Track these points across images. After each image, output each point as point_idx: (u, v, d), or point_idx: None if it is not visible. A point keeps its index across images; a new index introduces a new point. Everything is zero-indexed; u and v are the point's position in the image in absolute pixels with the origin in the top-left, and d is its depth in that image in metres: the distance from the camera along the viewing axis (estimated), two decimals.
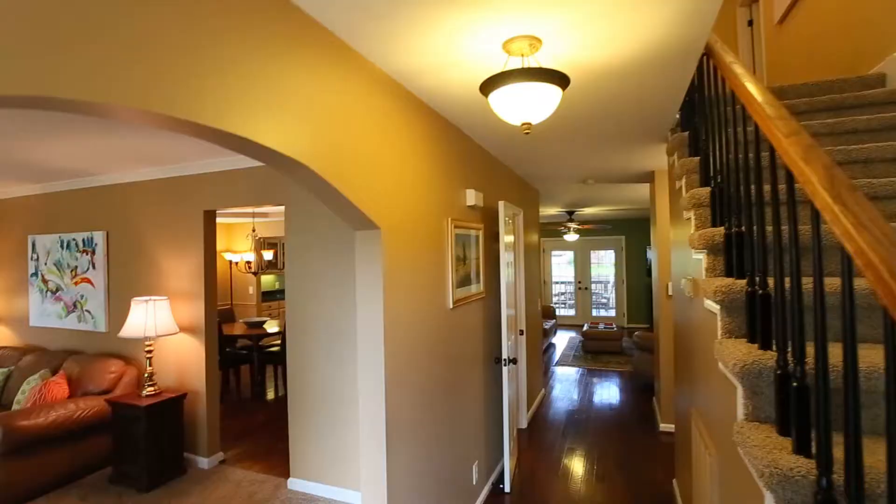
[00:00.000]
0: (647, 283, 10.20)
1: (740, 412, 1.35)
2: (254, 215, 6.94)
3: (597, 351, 7.91)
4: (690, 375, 2.41)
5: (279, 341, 5.64)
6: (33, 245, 4.63)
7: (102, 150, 3.28)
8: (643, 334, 5.87)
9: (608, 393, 5.70)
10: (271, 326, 5.84)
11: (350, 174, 1.70)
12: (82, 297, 4.29)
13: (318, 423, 3.27)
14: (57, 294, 4.46)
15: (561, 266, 11.86)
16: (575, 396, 5.58)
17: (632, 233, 10.79)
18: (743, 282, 1.51)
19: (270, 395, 5.59)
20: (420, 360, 2.26)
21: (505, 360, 3.28)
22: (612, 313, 11.17)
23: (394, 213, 2.01)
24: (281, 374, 5.94)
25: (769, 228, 1.32)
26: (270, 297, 8.47)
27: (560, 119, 2.74)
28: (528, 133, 1.80)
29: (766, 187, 1.49)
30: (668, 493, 3.25)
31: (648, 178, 4.82)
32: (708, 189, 1.98)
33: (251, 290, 7.92)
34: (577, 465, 3.72)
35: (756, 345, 1.39)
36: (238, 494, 3.23)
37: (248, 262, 6.34)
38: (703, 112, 2.17)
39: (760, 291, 1.35)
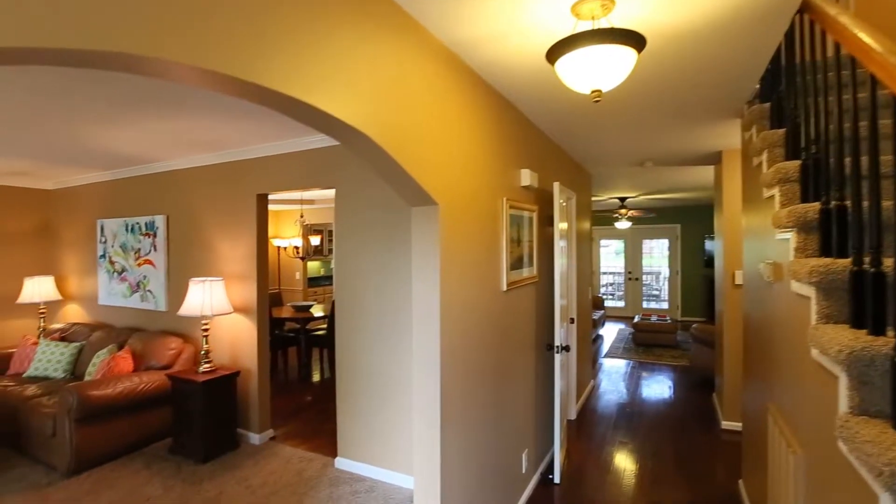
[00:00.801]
0: (706, 275, 9.66)
1: (843, 405, 1.18)
2: (301, 202, 7.08)
3: (649, 344, 7.59)
4: (767, 368, 2.20)
5: (325, 325, 5.73)
6: (101, 229, 4.90)
7: (162, 136, 3.39)
8: (702, 327, 5.54)
9: (661, 387, 5.43)
10: (317, 311, 5.95)
11: (410, 147, 1.63)
12: (145, 277, 4.51)
13: (365, 404, 3.27)
14: (122, 275, 4.71)
15: (608, 256, 11.46)
16: (625, 389, 5.36)
17: (688, 221, 10.24)
18: (845, 261, 1.32)
19: (316, 377, 5.71)
20: (472, 342, 2.18)
21: (557, 347, 3.15)
22: (664, 305, 10.69)
23: (451, 190, 1.93)
24: (327, 357, 6.05)
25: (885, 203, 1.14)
26: (315, 283, 8.67)
27: (624, 91, 2.55)
28: (597, 101, 1.66)
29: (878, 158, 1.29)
30: (734, 495, 3.04)
31: (714, 159, 4.49)
32: (797, 162, 1.77)
33: (297, 275, 8.13)
34: (630, 461, 3.55)
35: (864, 330, 1.22)
36: (288, 470, 3.29)
37: (297, 247, 6.48)
38: (792, 79, 1.94)
39: (873, 270, 1.18)
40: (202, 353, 3.59)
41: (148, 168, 4.46)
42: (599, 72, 1.57)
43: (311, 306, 5.77)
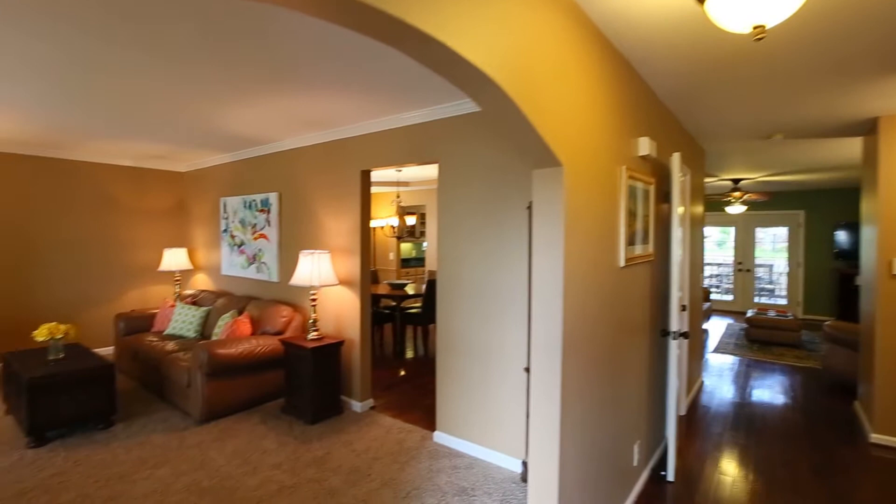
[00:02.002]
0: (836, 268, 8.44)
1: None
2: (397, 184, 7.26)
3: (765, 341, 6.81)
4: None
5: (419, 304, 5.84)
6: (224, 206, 5.39)
7: (278, 116, 3.59)
8: (838, 324, 4.82)
9: (782, 389, 4.83)
10: (411, 290, 6.09)
11: (537, 101, 1.51)
12: (260, 250, 4.88)
13: (465, 382, 3.25)
14: (241, 248, 5.14)
15: (709, 246, 10.43)
16: (739, 388, 4.83)
17: (815, 207, 8.97)
18: None
19: (409, 353, 5.86)
20: (589, 320, 2.03)
21: (674, 332, 2.88)
22: (781, 301, 9.53)
23: (573, 151, 1.79)
24: (420, 335, 6.18)
25: None
26: (407, 264, 8.91)
27: (776, 38, 2.21)
28: (760, 39, 1.42)
29: None
30: None
31: (865, 128, 3.83)
32: None
33: (391, 255, 8.39)
34: (754, 467, 3.18)
35: None
36: (388, 439, 3.39)
37: (393, 227, 6.67)
38: None
39: None
40: (310, 321, 3.80)
41: (264, 149, 4.79)
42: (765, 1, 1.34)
43: (406, 284, 5.91)
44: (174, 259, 5.55)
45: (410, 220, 6.95)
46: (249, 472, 2.91)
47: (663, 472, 3.00)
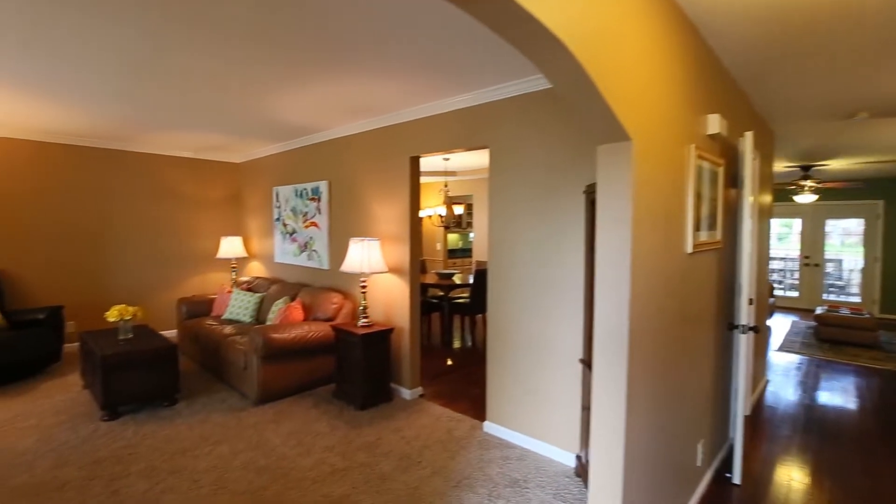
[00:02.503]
0: None
1: None
2: (445, 173, 7.23)
3: (837, 340, 6.30)
4: None
5: (467, 294, 5.80)
6: (277, 195, 5.54)
7: (327, 103, 3.62)
8: None
9: (858, 392, 4.44)
10: (458, 280, 6.05)
11: (607, 68, 1.41)
12: (311, 238, 4.98)
13: (517, 372, 3.18)
14: (293, 236, 5.27)
15: (772, 238, 9.75)
16: (809, 389, 4.49)
17: None
18: None
19: (456, 343, 5.84)
20: (654, 308, 1.91)
21: (742, 326, 2.69)
22: (854, 299, 8.80)
23: (642, 126, 1.67)
24: (468, 325, 6.15)
25: None
26: (453, 254, 8.89)
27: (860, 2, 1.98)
28: None
29: None
30: None
31: None
32: None
33: (438, 246, 8.39)
34: (833, 476, 2.93)
35: None
36: (438, 427, 3.38)
37: (441, 216, 6.65)
38: None
39: None
40: (360, 308, 3.83)
41: (314, 138, 4.87)
42: None
43: (454, 274, 5.88)
44: (230, 247, 5.77)
45: (458, 210, 6.89)
46: (303, 454, 2.98)
47: (728, 475, 2.82)
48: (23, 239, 4.89)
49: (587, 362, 2.72)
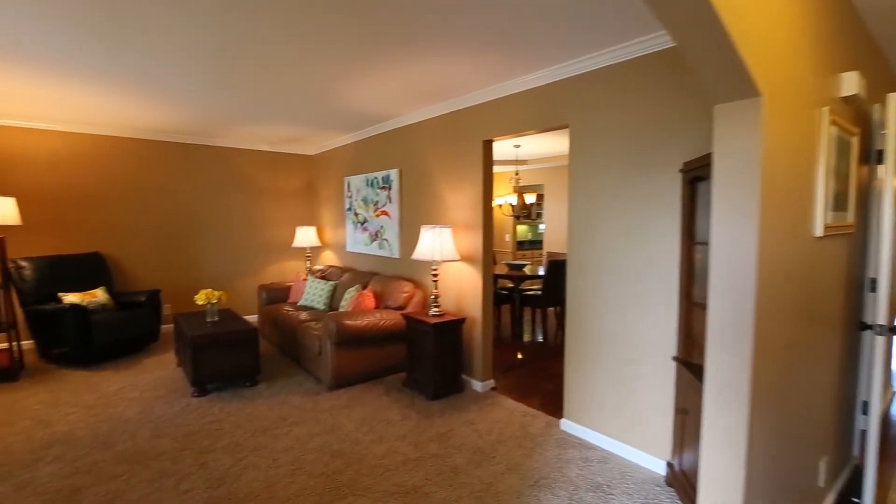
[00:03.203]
0: None
1: None
2: (516, 162, 7.00)
3: None
4: None
5: (538, 286, 5.57)
6: (348, 185, 5.63)
7: (398, 88, 3.55)
8: None
9: None
10: (529, 271, 5.83)
11: (737, 5, 1.17)
12: (381, 227, 5.00)
13: (599, 370, 2.95)
14: (364, 225, 5.33)
15: None
16: None
17: None
18: None
19: (526, 336, 5.63)
20: (778, 301, 1.62)
21: (879, 327, 2.26)
22: None
23: (773, 79, 1.39)
24: (540, 318, 5.92)
25: None
26: (522, 246, 8.65)
27: None
28: None
29: None
30: None
31: None
32: None
33: (507, 237, 8.19)
34: None
35: None
36: (512, 422, 3.23)
37: (512, 205, 6.45)
38: None
39: None
40: (431, 297, 3.76)
41: (384, 126, 4.86)
42: None
43: (525, 265, 5.68)
44: (305, 236, 5.97)
45: (530, 198, 6.64)
46: (376, 441, 2.96)
47: (856, 500, 2.41)
48: (125, 228, 5.36)
49: (683, 360, 2.43)
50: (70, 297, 4.47)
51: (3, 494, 2.39)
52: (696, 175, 2.29)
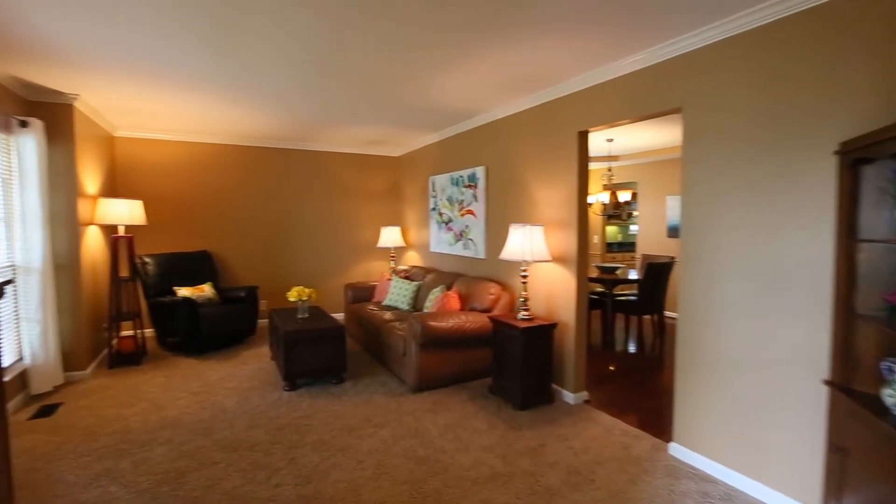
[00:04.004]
0: None
1: None
2: (608, 158, 6.55)
3: None
4: None
5: (632, 290, 5.10)
6: (433, 185, 5.57)
7: (485, 80, 3.38)
8: None
9: None
10: (622, 274, 5.37)
11: None
12: (466, 227, 4.86)
13: (719, 387, 2.54)
14: (448, 225, 5.23)
15: None
16: None
17: None
18: None
19: (619, 346, 5.18)
20: None
21: None
22: None
23: None
24: (634, 326, 5.43)
25: None
26: (611, 248, 8.10)
27: None
28: None
29: None
30: None
31: None
32: None
33: (596, 238, 7.70)
34: None
35: None
36: (610, 442, 2.91)
37: (604, 204, 6.02)
38: None
39: None
40: (520, 300, 3.54)
41: (470, 123, 4.72)
42: None
43: (617, 269, 5.24)
44: (389, 237, 6.02)
45: (624, 196, 6.15)
46: (461, 450, 2.80)
47: None
48: (228, 228, 5.76)
49: (841, 386, 1.98)
50: (183, 291, 4.86)
51: (123, 470, 2.56)
52: (861, 156, 1.85)
